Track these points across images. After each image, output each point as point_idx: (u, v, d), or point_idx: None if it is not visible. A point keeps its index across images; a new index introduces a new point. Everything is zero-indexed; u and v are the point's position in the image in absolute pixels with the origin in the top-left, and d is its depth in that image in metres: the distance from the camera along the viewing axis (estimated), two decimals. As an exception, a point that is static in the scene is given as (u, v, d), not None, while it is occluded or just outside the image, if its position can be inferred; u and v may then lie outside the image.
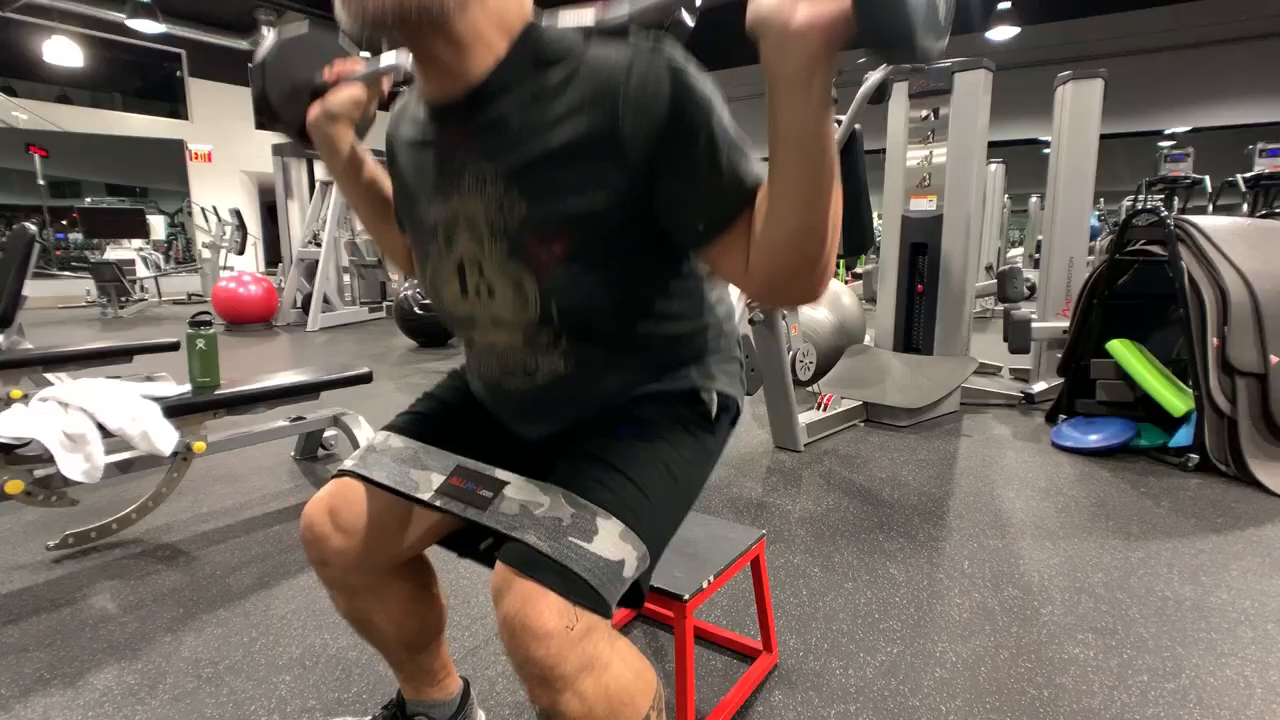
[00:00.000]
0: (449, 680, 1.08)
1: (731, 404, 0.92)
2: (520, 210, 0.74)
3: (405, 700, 1.07)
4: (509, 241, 0.76)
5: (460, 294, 0.83)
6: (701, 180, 0.69)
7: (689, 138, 0.68)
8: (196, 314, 1.99)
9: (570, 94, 0.71)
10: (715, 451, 0.91)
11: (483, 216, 0.77)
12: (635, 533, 0.76)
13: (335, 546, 0.89)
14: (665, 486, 0.81)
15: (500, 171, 0.75)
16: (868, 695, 1.29)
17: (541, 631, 0.67)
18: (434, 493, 0.84)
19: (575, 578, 0.70)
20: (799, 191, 0.63)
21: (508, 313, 0.80)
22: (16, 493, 1.63)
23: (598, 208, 0.72)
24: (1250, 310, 2.48)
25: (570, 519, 0.74)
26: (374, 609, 0.95)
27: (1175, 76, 10.37)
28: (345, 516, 0.89)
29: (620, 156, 0.69)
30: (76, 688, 1.31)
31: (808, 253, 0.66)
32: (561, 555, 0.71)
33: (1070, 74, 3.39)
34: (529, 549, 0.72)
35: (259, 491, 2.33)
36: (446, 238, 0.82)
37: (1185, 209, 7.40)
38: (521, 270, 0.76)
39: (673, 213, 0.72)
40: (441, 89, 0.77)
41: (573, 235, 0.74)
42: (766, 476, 2.46)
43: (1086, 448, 2.71)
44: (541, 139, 0.72)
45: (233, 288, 6.30)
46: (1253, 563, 1.80)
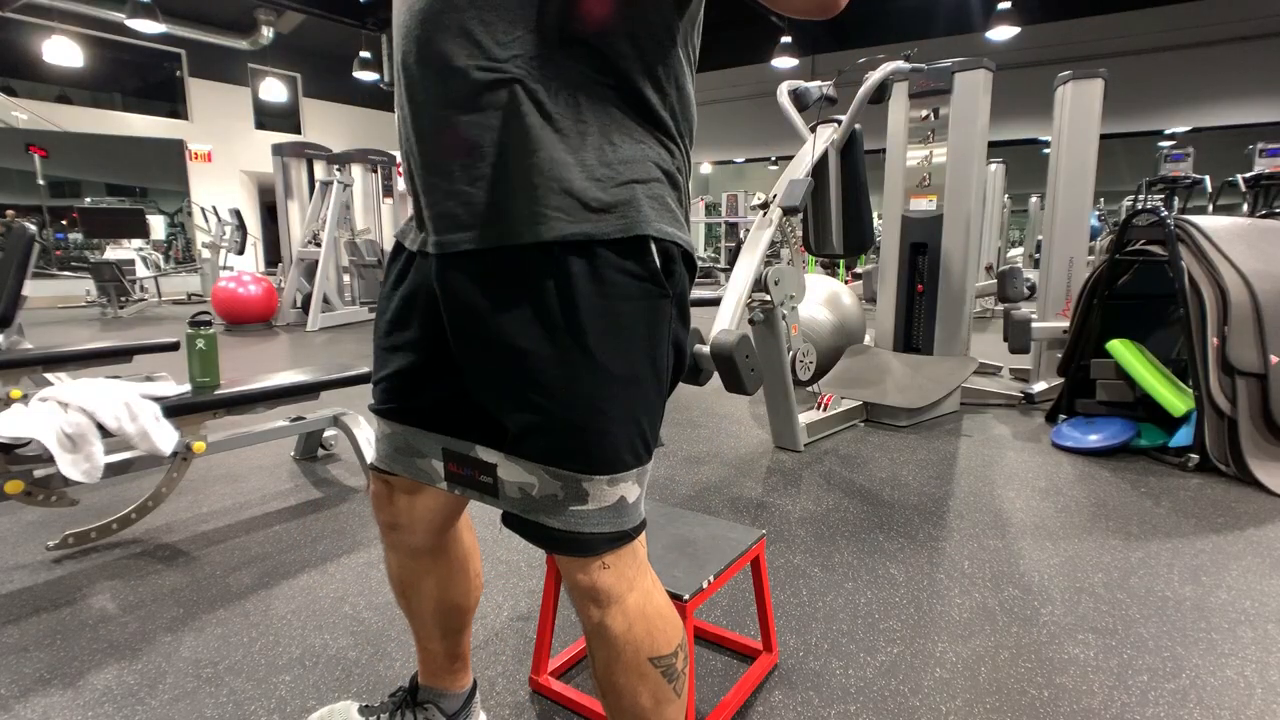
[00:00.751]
0: (464, 674, 1.11)
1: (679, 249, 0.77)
2: None
3: (419, 685, 1.09)
4: None
5: None
6: None
7: None
8: (196, 314, 1.99)
9: None
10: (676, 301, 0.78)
11: None
12: (622, 471, 0.77)
13: (402, 506, 0.95)
14: (637, 399, 0.75)
15: None
16: (868, 695, 1.29)
17: (585, 582, 0.78)
18: (446, 484, 0.89)
19: (589, 537, 0.77)
20: None
21: None
22: (16, 493, 1.63)
23: None
24: (1250, 310, 2.48)
25: (562, 491, 0.77)
26: (427, 571, 1.01)
27: (1175, 76, 10.37)
28: (400, 484, 0.95)
29: None
30: (76, 688, 1.31)
31: None
32: (572, 525, 0.77)
33: (1070, 74, 3.39)
34: (547, 530, 0.78)
35: (259, 491, 2.33)
36: None
37: (1185, 209, 7.40)
38: None
39: None
40: None
41: None
42: (766, 476, 2.46)
43: (1086, 448, 2.71)
44: None
45: (232, 288, 6.30)
46: (1253, 563, 1.80)
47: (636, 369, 0.75)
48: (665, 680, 0.82)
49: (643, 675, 0.81)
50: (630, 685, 0.81)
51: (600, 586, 0.78)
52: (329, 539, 1.95)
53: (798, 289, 2.56)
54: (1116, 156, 10.29)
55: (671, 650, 0.83)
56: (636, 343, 0.74)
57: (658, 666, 0.81)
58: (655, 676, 0.81)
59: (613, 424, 0.74)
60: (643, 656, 0.80)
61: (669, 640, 0.82)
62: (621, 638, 0.79)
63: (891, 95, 3.29)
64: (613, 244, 0.71)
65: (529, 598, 1.62)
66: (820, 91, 2.76)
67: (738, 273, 2.48)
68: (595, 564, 0.78)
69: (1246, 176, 6.41)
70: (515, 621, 1.53)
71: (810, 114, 2.77)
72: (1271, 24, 9.51)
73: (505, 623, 1.53)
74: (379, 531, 1.01)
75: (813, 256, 4.73)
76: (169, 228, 11.39)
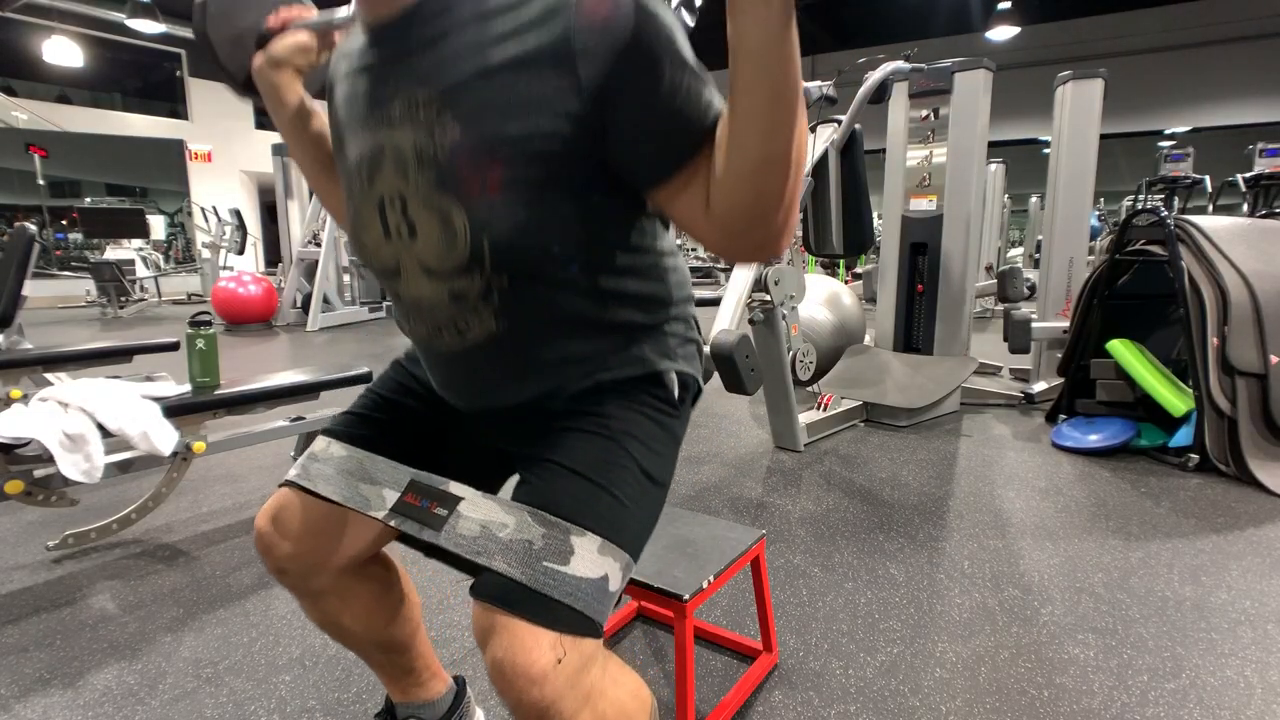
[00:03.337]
0: (435, 681, 1.07)
1: (692, 383, 0.86)
2: (453, 134, 0.68)
3: (394, 704, 1.06)
4: (438, 170, 0.69)
5: (383, 236, 0.75)
6: (660, 107, 0.63)
7: (648, 60, 0.62)
8: (196, 314, 1.99)
9: (518, 11, 0.65)
10: (681, 435, 0.86)
11: (410, 146, 0.70)
12: (615, 544, 0.71)
13: (285, 553, 0.86)
14: (640, 488, 0.76)
15: (433, 95, 0.69)
16: (868, 695, 1.29)
17: (535, 673, 0.63)
18: (388, 511, 0.81)
19: (559, 606, 0.66)
20: (761, 116, 0.57)
21: (433, 255, 0.72)
22: (16, 493, 1.63)
23: (542, 130, 0.65)
24: (1250, 310, 2.48)
25: (542, 540, 0.69)
26: (339, 611, 0.93)
27: (1175, 76, 10.37)
28: (290, 524, 0.86)
29: (570, 75, 0.63)
30: (76, 688, 1.31)
31: (770, 187, 0.61)
32: (539, 583, 0.67)
33: (1070, 74, 3.39)
34: (503, 580, 0.68)
35: (259, 491, 2.33)
36: (370, 173, 0.75)
37: (1185, 209, 7.40)
38: (450, 202, 0.69)
39: (628, 144, 0.66)
40: (377, 9, 0.72)
41: (510, 161, 0.66)
42: (766, 476, 2.46)
43: (1086, 448, 2.71)
44: (482, 57, 0.66)
45: (232, 288, 6.30)
46: (1253, 563, 1.80)
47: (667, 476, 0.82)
48: None
49: None
50: None
51: (547, 694, 0.63)
52: (329, 539, 1.94)
53: (798, 289, 2.56)
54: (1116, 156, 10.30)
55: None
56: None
57: None
58: None
59: (631, 501, 0.75)
60: None
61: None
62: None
63: (891, 95, 3.28)
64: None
65: (529, 598, 1.62)
66: (820, 91, 2.76)
67: (738, 273, 2.48)
68: (549, 645, 0.64)
69: (1246, 176, 6.40)
70: (515, 621, 1.53)
71: (810, 114, 2.77)
72: (1271, 24, 9.51)
73: (505, 623, 1.53)
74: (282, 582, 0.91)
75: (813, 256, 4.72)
76: (169, 228, 11.39)
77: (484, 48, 0.66)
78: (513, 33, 0.65)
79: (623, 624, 1.52)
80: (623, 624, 1.52)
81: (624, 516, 0.74)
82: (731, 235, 0.65)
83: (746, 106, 0.58)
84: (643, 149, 0.66)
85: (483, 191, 0.67)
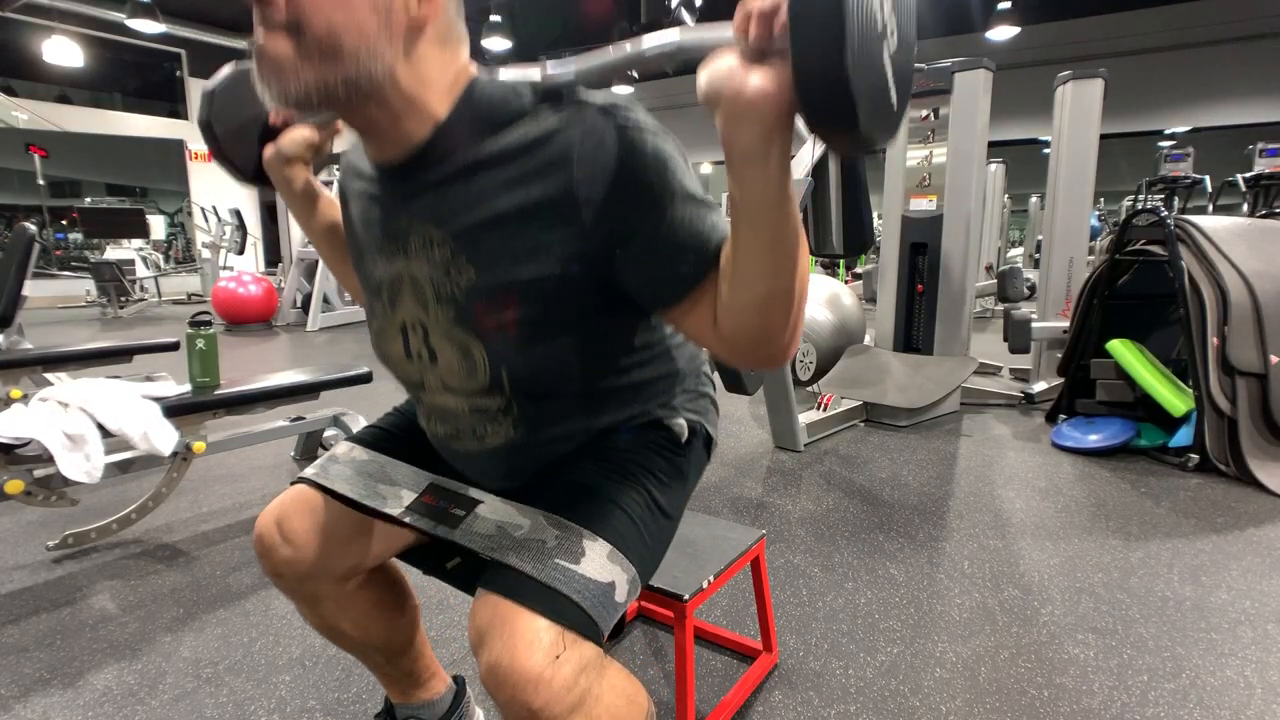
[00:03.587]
0: (435, 681, 1.07)
1: (700, 429, 0.89)
2: (468, 275, 0.71)
3: (393, 705, 1.06)
4: (456, 307, 0.73)
5: (404, 356, 0.80)
6: (663, 244, 0.65)
7: (649, 201, 0.65)
8: (196, 314, 1.99)
9: (521, 160, 0.67)
10: (690, 475, 0.88)
11: (428, 280, 0.74)
12: (624, 554, 0.73)
13: (284, 557, 0.86)
14: (649, 512, 0.79)
15: (447, 236, 0.71)
16: (868, 695, 1.29)
17: (530, 672, 0.62)
18: (404, 509, 0.82)
19: (565, 601, 0.67)
20: (763, 260, 0.60)
21: (455, 379, 0.77)
22: (16, 493, 1.63)
23: (552, 274, 0.68)
24: (1250, 310, 2.48)
25: (555, 540, 0.71)
26: (338, 618, 0.93)
27: (1175, 76, 10.37)
28: (294, 528, 0.86)
29: (576, 223, 0.66)
30: (76, 688, 1.31)
31: (775, 318, 0.63)
32: (548, 578, 0.68)
33: (1070, 74, 3.39)
34: (514, 574, 0.69)
35: (259, 491, 2.33)
36: (391, 298, 0.79)
37: (1185, 209, 7.40)
38: (469, 336, 0.73)
39: (635, 278, 0.69)
40: (382, 152, 0.73)
41: (524, 302, 0.70)
42: (766, 476, 2.46)
43: (1086, 448, 2.71)
44: (490, 204, 0.69)
45: (232, 288, 6.30)
46: (1253, 563, 1.80)
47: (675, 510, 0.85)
48: None
49: None
50: None
51: (540, 696, 0.62)
52: (329, 539, 1.94)
53: (798, 289, 2.55)
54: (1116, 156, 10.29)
55: None
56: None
57: None
58: None
59: (640, 521, 0.77)
60: None
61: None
62: None
63: (891, 95, 3.28)
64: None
65: (529, 598, 1.62)
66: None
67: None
68: (549, 643, 0.64)
69: (1246, 176, 6.40)
70: (515, 621, 1.53)
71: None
72: (1271, 24, 9.50)
73: (505, 623, 1.53)
74: (279, 586, 0.91)
75: (813, 256, 4.71)
76: (169, 228, 11.38)
77: (491, 195, 0.68)
78: (518, 181, 0.67)
79: (623, 624, 1.52)
80: (623, 624, 1.52)
81: (633, 533, 0.76)
82: (738, 351, 0.67)
83: (748, 253, 0.60)
84: (650, 281, 0.68)
85: (499, 329, 0.71)
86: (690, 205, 0.66)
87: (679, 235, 0.65)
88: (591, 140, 0.64)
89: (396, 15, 0.64)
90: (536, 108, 0.68)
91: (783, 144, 0.53)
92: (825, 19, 0.45)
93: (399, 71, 0.66)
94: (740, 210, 0.58)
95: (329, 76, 0.63)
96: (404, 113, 0.68)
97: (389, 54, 0.64)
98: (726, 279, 0.64)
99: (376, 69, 0.64)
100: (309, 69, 0.63)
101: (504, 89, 0.70)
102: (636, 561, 0.75)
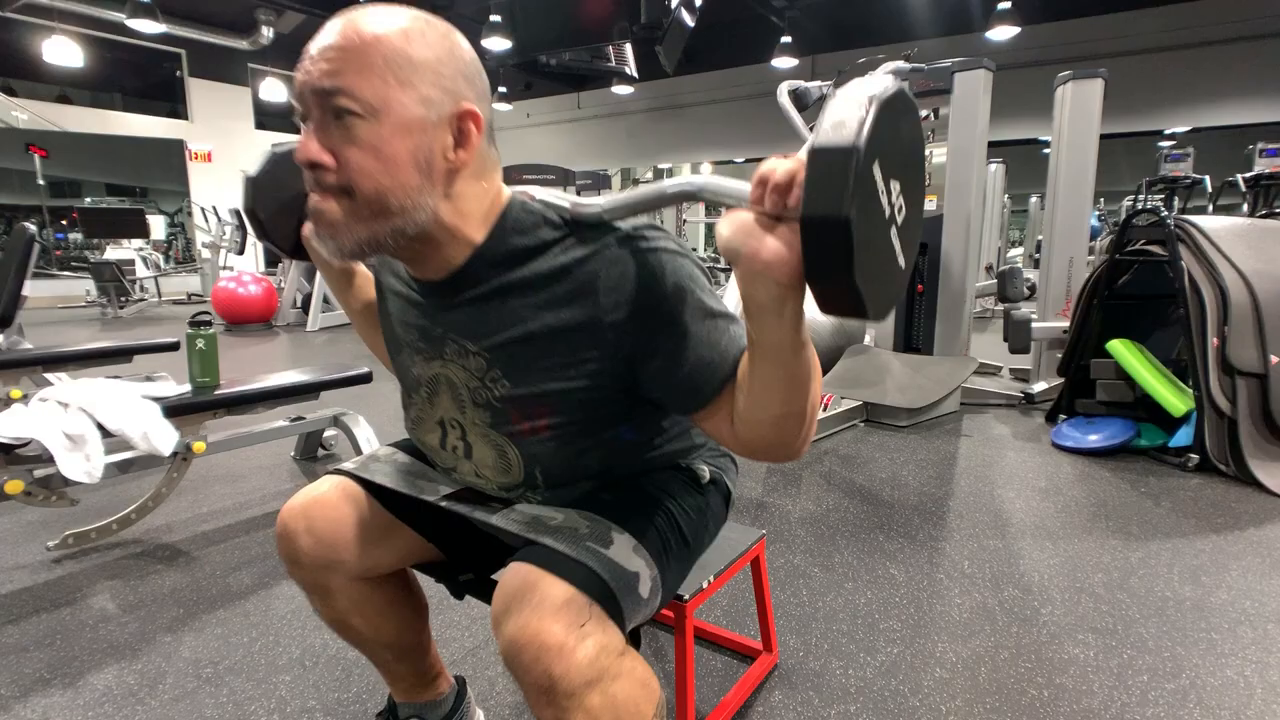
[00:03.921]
0: (439, 680, 1.08)
1: (721, 480, 0.95)
2: (503, 386, 0.78)
3: (396, 704, 1.06)
4: (492, 413, 0.79)
5: (440, 447, 0.87)
6: (685, 358, 0.71)
7: (669, 322, 0.70)
8: (196, 314, 1.99)
9: (551, 286, 0.73)
10: (709, 518, 0.93)
11: (465, 385, 0.80)
12: (648, 551, 0.78)
13: (303, 546, 0.87)
14: (670, 529, 0.83)
15: (482, 350, 0.78)
16: (868, 695, 1.29)
17: (556, 639, 0.65)
18: (441, 497, 0.86)
19: (593, 576, 0.70)
20: (778, 390, 0.65)
21: (489, 471, 0.84)
22: (16, 493, 1.63)
23: (581, 387, 0.75)
24: (1250, 310, 2.48)
25: (587, 529, 0.75)
26: (350, 613, 0.94)
27: (1175, 76, 10.36)
28: (320, 521, 0.88)
29: (603, 344, 0.72)
30: (76, 688, 1.31)
31: (788, 432, 0.68)
32: (581, 555, 0.72)
33: (1070, 74, 3.39)
34: (545, 549, 0.72)
35: (259, 491, 2.33)
36: (429, 395, 0.85)
37: (1185, 209, 7.40)
38: (504, 441, 0.80)
39: (658, 390, 0.75)
40: (423, 272, 0.78)
41: (556, 411, 0.77)
42: (766, 476, 2.46)
43: (1086, 448, 2.71)
44: (523, 324, 0.75)
45: (232, 288, 6.30)
46: (1253, 563, 1.80)
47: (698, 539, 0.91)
48: None
49: None
50: None
51: (560, 667, 0.64)
52: (329, 539, 1.94)
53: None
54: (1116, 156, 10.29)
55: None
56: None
57: None
58: None
59: (662, 532, 0.82)
60: None
61: (644, 716, 0.72)
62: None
63: (891, 95, 3.28)
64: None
65: (529, 598, 1.62)
66: (820, 91, 2.76)
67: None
68: (575, 613, 0.67)
69: (1246, 176, 6.40)
70: (515, 621, 1.53)
71: (810, 114, 2.77)
72: (1271, 24, 9.50)
73: (505, 623, 1.53)
74: (294, 577, 0.92)
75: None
76: (169, 228, 11.39)
77: (523, 316, 0.75)
78: (547, 305, 0.74)
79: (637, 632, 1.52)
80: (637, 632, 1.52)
81: (657, 538, 0.81)
82: (754, 454, 0.73)
83: (764, 382, 0.65)
84: (672, 393, 0.74)
85: (533, 434, 0.79)
86: (708, 322, 0.71)
87: (698, 351, 0.71)
88: (616, 269, 0.71)
89: (436, 165, 0.69)
90: (565, 236, 0.74)
91: (796, 299, 0.57)
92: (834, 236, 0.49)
93: (440, 210, 0.71)
94: (757, 349, 0.63)
95: (378, 231, 0.69)
96: (445, 243, 0.74)
97: (431, 201, 0.70)
98: (743, 392, 0.68)
99: (421, 217, 0.70)
100: (361, 227, 0.68)
101: (535, 218, 0.75)
102: (659, 563, 0.79)
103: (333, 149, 0.66)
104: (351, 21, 0.66)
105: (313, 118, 0.67)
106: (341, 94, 0.65)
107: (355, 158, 0.66)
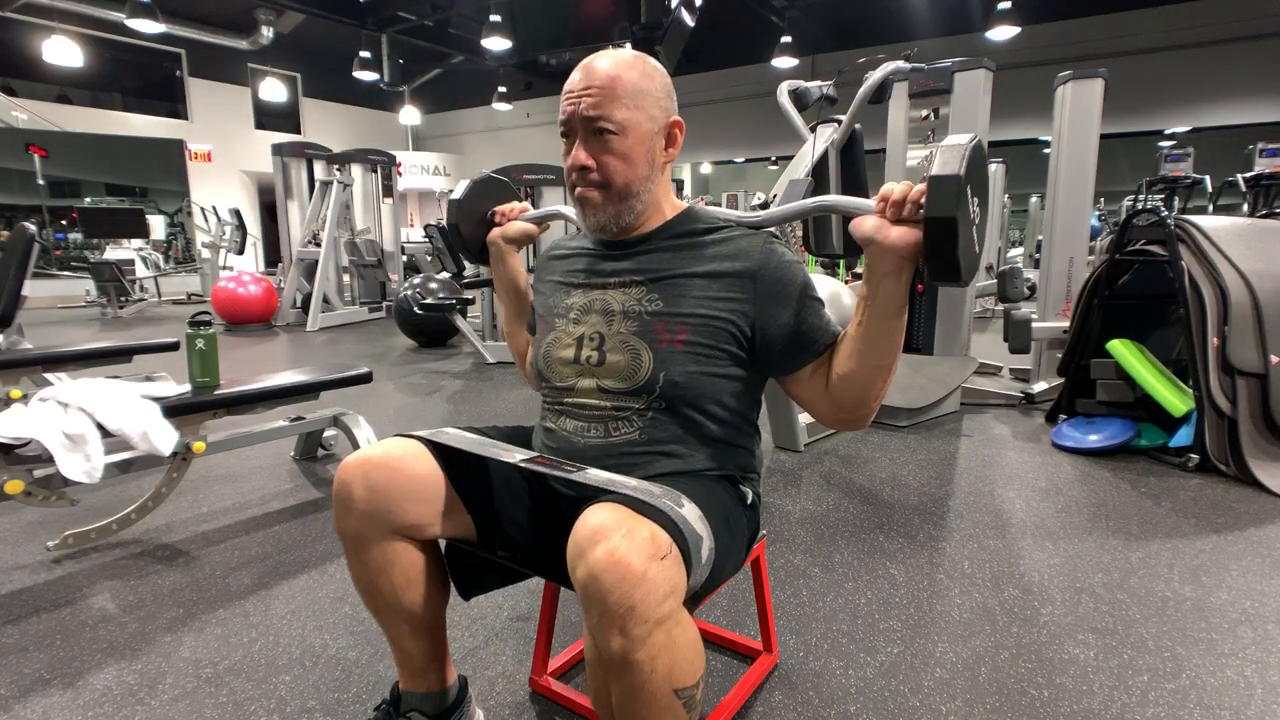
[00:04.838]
0: (446, 670, 1.09)
1: (756, 505, 1.11)
2: (656, 304, 0.99)
3: (401, 694, 1.08)
4: (640, 322, 0.99)
5: (572, 360, 1.02)
6: (801, 320, 0.97)
7: (795, 297, 0.98)
8: (196, 314, 1.99)
9: (715, 249, 1.01)
10: (746, 529, 1.06)
11: (619, 304, 1.02)
12: (708, 523, 0.86)
13: (356, 492, 0.95)
14: (721, 519, 0.92)
15: (646, 279, 1.01)
16: (868, 695, 1.29)
17: (638, 567, 0.72)
18: (518, 460, 0.93)
19: (671, 523, 0.79)
20: (880, 341, 0.90)
21: (613, 380, 0.99)
22: (16, 493, 1.63)
23: (719, 315, 0.97)
24: (1250, 310, 2.48)
25: (660, 491, 0.84)
26: (380, 571, 0.99)
27: (1175, 76, 10.37)
28: (378, 470, 0.96)
29: (747, 292, 0.98)
30: (76, 688, 1.31)
31: (876, 385, 0.94)
32: (660, 505, 0.81)
33: (1070, 74, 3.39)
34: (627, 497, 0.80)
35: (259, 491, 2.33)
36: (577, 318, 1.04)
37: (1185, 209, 7.39)
38: (642, 346, 0.98)
39: (778, 343, 0.98)
40: (619, 235, 1.04)
41: (694, 329, 0.97)
42: (766, 476, 2.46)
43: (1086, 448, 2.71)
44: (687, 266, 1.00)
45: (232, 288, 6.30)
46: (1253, 563, 1.80)
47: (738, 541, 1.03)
48: (685, 711, 0.80)
49: (665, 708, 0.78)
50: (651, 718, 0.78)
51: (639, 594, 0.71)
52: (329, 539, 1.95)
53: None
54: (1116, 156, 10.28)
55: (695, 681, 0.80)
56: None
57: (680, 698, 0.79)
58: (677, 709, 0.79)
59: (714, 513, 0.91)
60: (668, 689, 0.77)
61: (694, 671, 0.80)
62: (646, 669, 0.74)
63: (891, 95, 3.28)
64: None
65: (529, 598, 1.62)
66: (820, 91, 2.76)
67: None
68: (658, 546, 0.74)
69: (1246, 176, 6.39)
70: (515, 621, 1.53)
71: (810, 114, 2.77)
72: (1271, 24, 9.50)
73: (505, 623, 1.53)
74: (340, 527, 0.98)
75: (813, 256, 4.72)
76: (169, 228, 11.39)
77: (689, 261, 1.01)
78: (714, 258, 1.00)
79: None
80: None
81: (717, 518, 0.91)
82: (841, 410, 0.98)
83: (871, 334, 0.90)
84: (789, 344, 0.98)
85: (669, 344, 0.98)
86: (817, 304, 0.99)
87: (810, 320, 0.98)
88: (768, 251, 1.00)
89: (656, 161, 1.01)
90: (732, 228, 1.04)
91: (909, 269, 0.86)
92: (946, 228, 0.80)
93: (655, 192, 1.03)
94: (872, 306, 0.89)
95: (622, 209, 1.00)
96: (649, 214, 1.04)
97: (652, 185, 1.02)
98: (842, 357, 0.95)
99: (647, 197, 1.02)
100: (611, 207, 1.00)
101: (711, 215, 1.06)
102: (717, 541, 0.87)
103: (594, 156, 0.96)
104: (601, 66, 0.96)
105: (579, 135, 0.97)
106: (602, 119, 0.95)
107: (611, 162, 0.97)
